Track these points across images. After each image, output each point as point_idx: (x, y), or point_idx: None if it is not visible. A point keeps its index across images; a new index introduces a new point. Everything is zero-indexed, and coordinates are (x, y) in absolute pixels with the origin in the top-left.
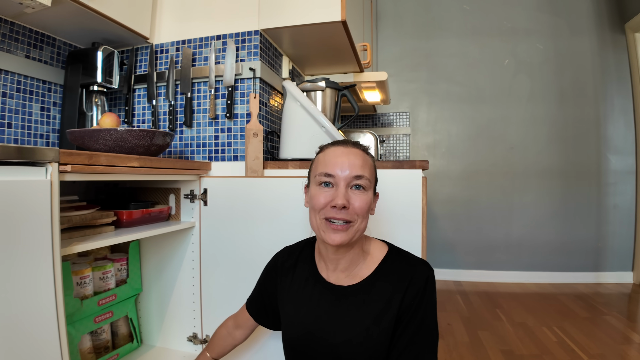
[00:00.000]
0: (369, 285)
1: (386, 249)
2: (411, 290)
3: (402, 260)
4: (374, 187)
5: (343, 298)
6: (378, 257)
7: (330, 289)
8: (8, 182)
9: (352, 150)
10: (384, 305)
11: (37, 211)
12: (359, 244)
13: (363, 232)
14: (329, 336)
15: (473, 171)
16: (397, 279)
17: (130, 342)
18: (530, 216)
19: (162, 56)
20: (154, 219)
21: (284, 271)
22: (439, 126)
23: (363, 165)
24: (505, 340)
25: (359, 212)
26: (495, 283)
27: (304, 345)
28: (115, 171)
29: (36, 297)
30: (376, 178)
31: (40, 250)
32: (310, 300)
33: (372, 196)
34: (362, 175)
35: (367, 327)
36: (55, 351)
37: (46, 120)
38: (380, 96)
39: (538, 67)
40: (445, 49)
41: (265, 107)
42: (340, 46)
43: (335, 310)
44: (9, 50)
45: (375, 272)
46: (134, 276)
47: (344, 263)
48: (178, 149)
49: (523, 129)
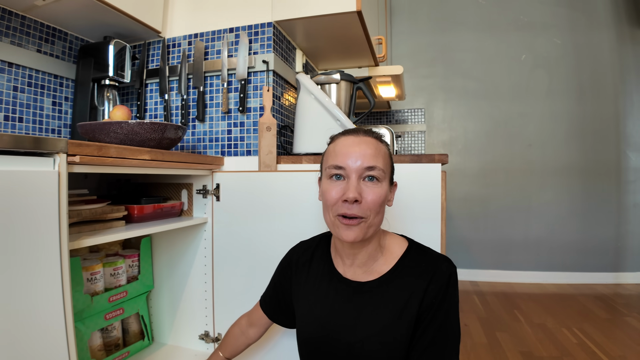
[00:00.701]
0: (387, 281)
1: (406, 244)
2: (433, 288)
3: (423, 256)
4: (390, 177)
5: (360, 294)
6: (397, 253)
7: (347, 285)
8: (15, 172)
9: (363, 139)
10: (404, 303)
11: (45, 203)
12: (376, 239)
13: (379, 226)
14: (346, 334)
15: (490, 169)
16: (417, 275)
17: (141, 340)
18: (549, 215)
19: (174, 50)
20: (166, 215)
21: (299, 267)
22: (455, 123)
23: (375, 154)
24: (524, 341)
25: (372, 206)
26: (512, 283)
27: (319, 343)
28: (126, 164)
29: (43, 291)
30: (392, 167)
31: (48, 243)
32: (326, 297)
33: (388, 187)
34: (375, 165)
35: (385, 326)
36: (62, 347)
37: (58, 115)
38: (396, 91)
39: (556, 62)
40: (461, 44)
41: (279, 101)
42: (355, 39)
43: (352, 307)
44: (20, 44)
45: (395, 268)
46: (145, 273)
47: (362, 258)
48: (190, 144)
49: (541, 125)
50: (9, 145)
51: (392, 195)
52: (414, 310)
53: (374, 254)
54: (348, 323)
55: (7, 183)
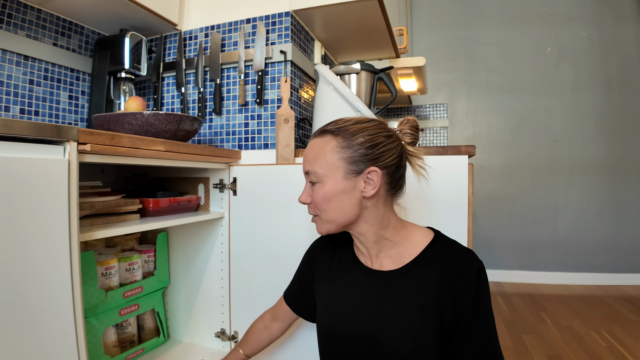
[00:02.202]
0: (411, 271)
1: (432, 235)
2: (462, 286)
3: (450, 248)
4: (346, 171)
5: (383, 284)
6: (422, 243)
7: (370, 274)
8: (24, 160)
9: (312, 142)
10: (428, 294)
11: (54, 192)
12: (371, 227)
13: (342, 218)
14: (367, 323)
15: (515, 165)
16: (442, 267)
17: (156, 337)
18: (576, 213)
19: (190, 43)
20: (182, 209)
21: (322, 257)
22: (479, 118)
23: (314, 157)
24: (551, 344)
25: (318, 205)
26: (538, 284)
27: (340, 332)
28: (139, 154)
29: (51, 284)
30: (351, 158)
31: (57, 234)
32: (349, 286)
33: (338, 183)
34: (309, 170)
35: (409, 317)
36: (71, 342)
37: (74, 108)
38: (417, 85)
39: (582, 55)
40: (484, 37)
41: (297, 93)
42: (376, 28)
43: (374, 297)
44: (36, 37)
45: (419, 257)
46: (161, 268)
47: (373, 248)
48: (207, 138)
49: (568, 120)
50: (18, 132)
51: (365, 185)
52: (442, 305)
53: (382, 242)
54: (370, 312)
55: (16, 170)
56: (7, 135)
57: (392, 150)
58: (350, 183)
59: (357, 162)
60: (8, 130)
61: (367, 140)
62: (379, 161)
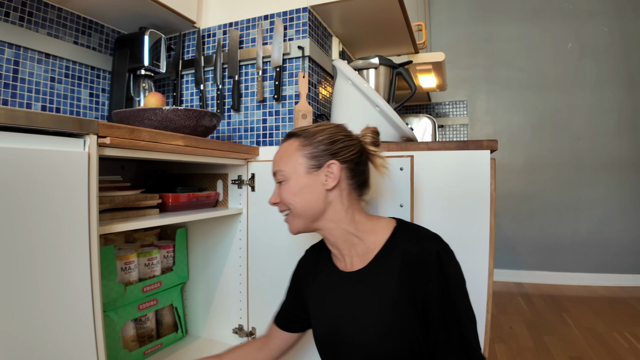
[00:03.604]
0: (375, 266)
1: (393, 225)
2: (424, 271)
3: (409, 235)
4: (307, 166)
5: (354, 285)
6: (384, 235)
7: (344, 277)
8: (45, 152)
9: (279, 146)
10: (394, 287)
11: (74, 185)
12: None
13: (310, 211)
14: (344, 327)
15: (536, 164)
16: (402, 255)
17: (174, 332)
18: (599, 213)
19: (209, 40)
20: (201, 205)
21: (307, 271)
22: (499, 115)
23: (280, 158)
24: (573, 346)
25: (286, 202)
26: (560, 285)
27: (330, 339)
28: (158, 148)
29: (70, 276)
30: (311, 154)
31: (76, 226)
32: (328, 292)
33: (300, 178)
34: (276, 171)
35: (379, 314)
36: (89, 335)
37: (95, 106)
38: (437, 81)
39: (604, 50)
40: (504, 33)
41: (315, 89)
42: (394, 23)
43: (348, 299)
44: (57, 35)
45: (381, 251)
46: (180, 264)
47: (344, 247)
48: (226, 134)
49: (590, 117)
50: (40, 124)
51: (325, 178)
52: (408, 296)
53: (350, 239)
54: (345, 316)
55: (37, 162)
56: (28, 128)
57: (352, 147)
58: (312, 177)
59: (317, 157)
60: (30, 122)
61: (326, 138)
62: (338, 155)
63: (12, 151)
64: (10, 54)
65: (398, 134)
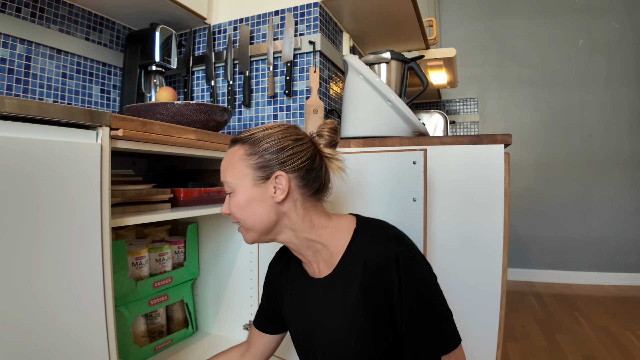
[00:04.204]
0: (340, 272)
1: (354, 225)
2: (384, 277)
3: (368, 238)
4: (254, 178)
5: (322, 292)
6: (345, 239)
7: (312, 284)
8: (58, 143)
9: (227, 152)
10: (357, 294)
11: (86, 176)
12: (298, 234)
13: (260, 225)
14: (317, 335)
15: (548, 161)
16: (363, 260)
17: (185, 328)
18: (611, 211)
19: (219, 36)
20: (212, 200)
21: (278, 276)
22: (510, 112)
23: (225, 168)
24: (586, 345)
25: (236, 214)
26: (571, 284)
27: (305, 346)
28: (171, 141)
29: (81, 269)
30: (257, 164)
31: (88, 218)
32: (299, 299)
33: (248, 190)
34: (222, 181)
35: (347, 321)
36: (101, 330)
37: (106, 102)
38: (447, 77)
39: (615, 47)
40: (515, 30)
41: (326, 84)
42: (405, 18)
43: (318, 307)
44: (68, 32)
45: (344, 256)
46: (191, 260)
47: (309, 254)
48: (237, 130)
49: (602, 114)
50: (53, 115)
51: (275, 189)
52: (369, 301)
53: (314, 245)
54: (316, 325)
55: (50, 153)
56: (41, 119)
57: (302, 152)
58: (260, 190)
59: (263, 167)
60: (43, 113)
61: (272, 145)
62: (286, 165)
63: (24, 141)
64: (22, 50)
65: (410, 129)
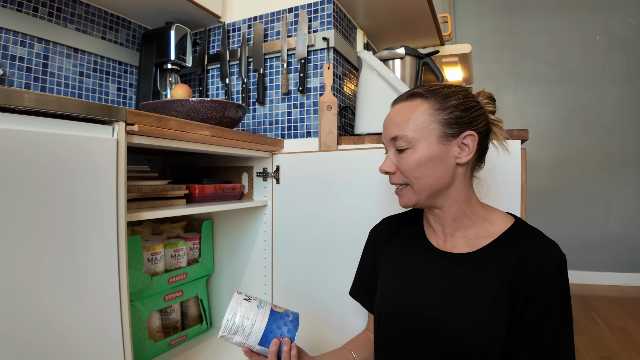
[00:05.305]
0: (487, 254)
1: (512, 220)
2: (540, 273)
3: (532, 234)
4: (440, 134)
5: (454, 267)
6: (501, 226)
7: (440, 256)
8: (74, 137)
9: (397, 106)
10: (505, 279)
11: (103, 171)
12: (456, 203)
13: (434, 187)
14: (434, 308)
15: (565, 159)
16: (522, 251)
17: (199, 324)
18: (630, 210)
19: (234, 35)
20: (226, 197)
21: (383, 241)
22: (527, 110)
23: (403, 121)
24: (603, 346)
25: (407, 173)
26: (589, 285)
27: (402, 316)
28: (186, 137)
29: (98, 262)
30: (446, 120)
31: (105, 212)
32: (414, 268)
33: (432, 147)
34: (397, 135)
35: (481, 302)
36: (115, 324)
37: (122, 100)
38: (463, 74)
39: (632, 43)
40: (531, 26)
41: (339, 81)
42: (419, 14)
43: (444, 280)
44: (85, 31)
45: (497, 240)
46: (206, 256)
47: (450, 226)
48: (251, 128)
49: (620, 112)
50: (70, 110)
51: (459, 150)
52: (516, 293)
53: (462, 220)
54: (437, 297)
55: (66, 147)
56: (59, 113)
57: (483, 115)
58: (444, 148)
59: (452, 124)
60: (61, 108)
61: (461, 103)
62: (473, 125)
63: (43, 135)
64: (40, 49)
65: None
